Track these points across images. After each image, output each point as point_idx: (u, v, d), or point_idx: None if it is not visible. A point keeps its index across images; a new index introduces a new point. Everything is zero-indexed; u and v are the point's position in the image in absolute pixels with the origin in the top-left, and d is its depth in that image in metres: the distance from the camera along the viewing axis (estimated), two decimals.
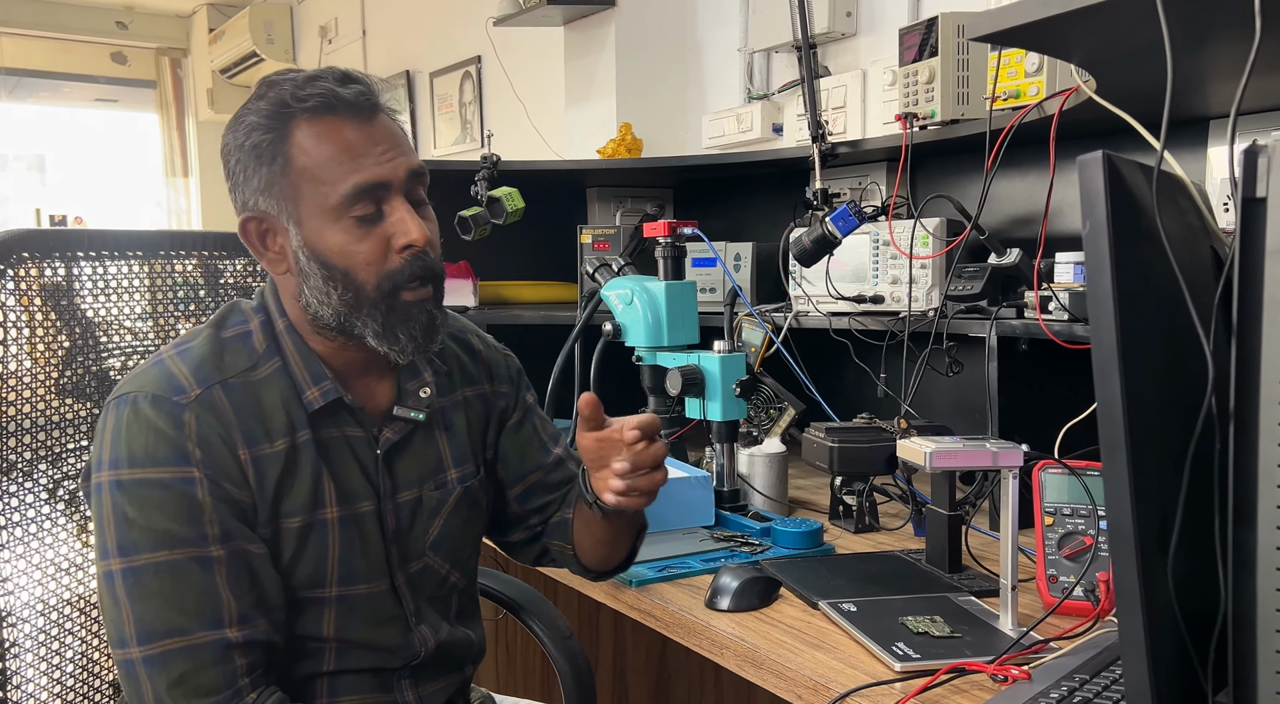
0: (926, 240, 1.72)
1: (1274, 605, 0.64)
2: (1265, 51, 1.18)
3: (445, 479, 1.20)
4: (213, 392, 1.04)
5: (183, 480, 1.00)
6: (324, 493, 1.08)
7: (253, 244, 1.08)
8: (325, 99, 1.02)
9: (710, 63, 2.82)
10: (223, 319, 1.12)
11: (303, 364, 1.09)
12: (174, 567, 0.99)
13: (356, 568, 1.11)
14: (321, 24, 5.58)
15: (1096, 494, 1.27)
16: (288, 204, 1.04)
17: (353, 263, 1.04)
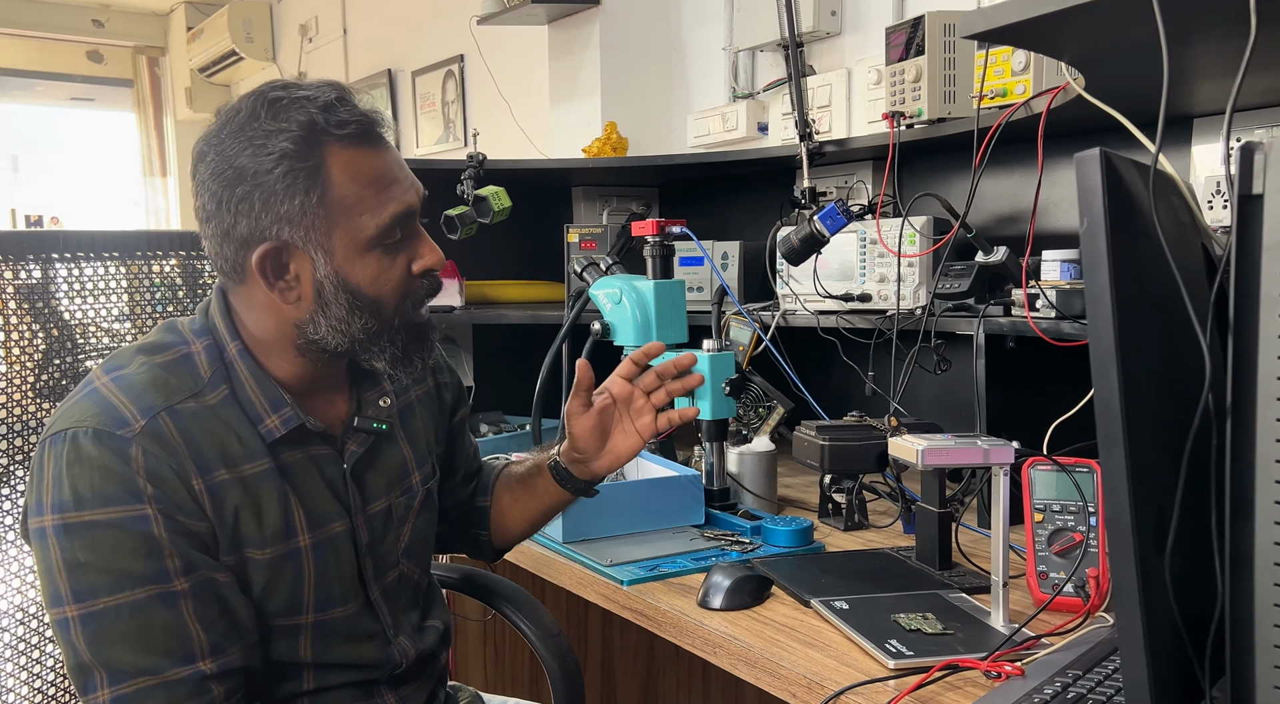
0: (914, 238, 1.73)
1: (1271, 600, 0.64)
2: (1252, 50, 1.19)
3: (410, 484, 1.19)
4: (158, 421, 0.98)
5: (136, 519, 0.95)
6: (294, 521, 1.05)
7: (265, 274, 1.01)
8: (361, 126, 0.99)
9: (695, 62, 2.82)
10: (157, 342, 1.05)
11: (259, 390, 1.05)
12: (136, 607, 0.94)
13: (333, 592, 1.09)
14: (301, 23, 5.55)
15: (1086, 491, 1.27)
16: (318, 234, 0.99)
17: (384, 291, 1.03)
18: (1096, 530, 1.26)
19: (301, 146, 0.97)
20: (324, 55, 5.30)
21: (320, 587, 1.07)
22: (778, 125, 2.49)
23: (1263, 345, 0.63)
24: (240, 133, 0.98)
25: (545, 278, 2.63)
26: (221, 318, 1.06)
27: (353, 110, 0.99)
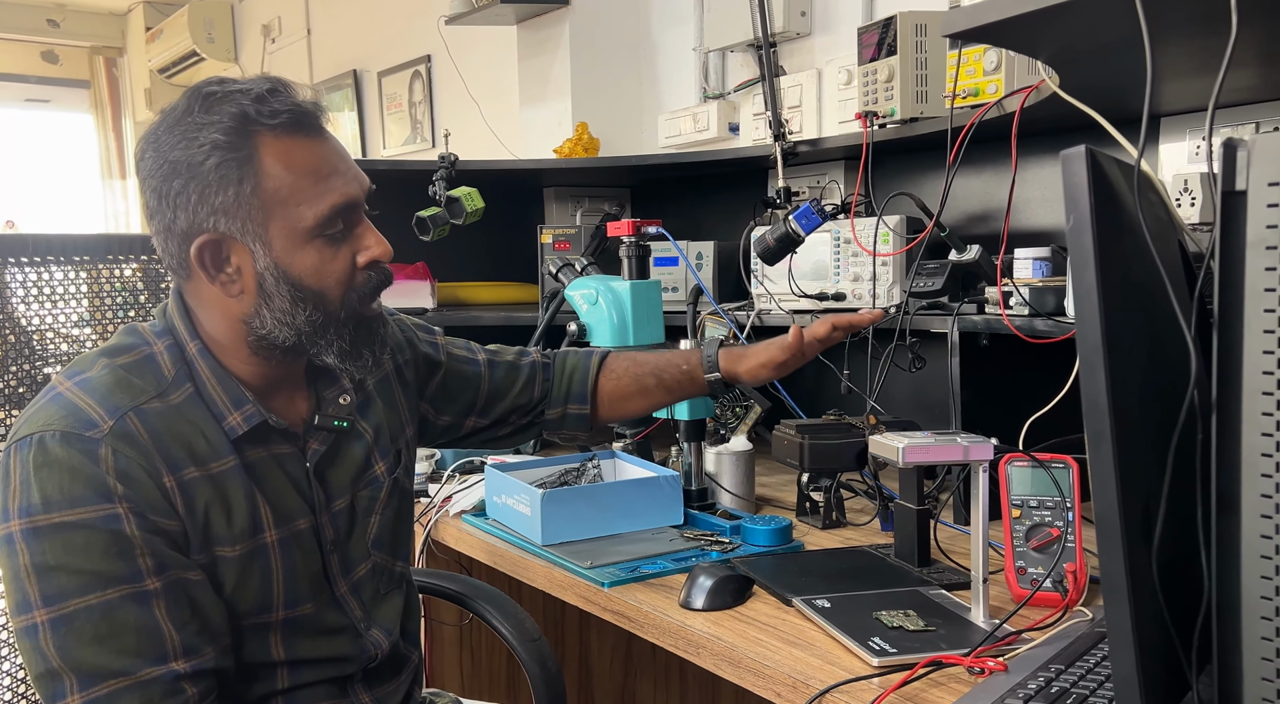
0: (887, 237, 1.74)
1: (1259, 593, 0.65)
2: (1214, 51, 1.21)
3: (374, 475, 1.18)
4: (126, 420, 0.97)
5: (107, 518, 0.94)
6: (261, 517, 1.05)
7: (204, 268, 1.01)
8: (294, 116, 0.99)
9: (665, 62, 2.82)
10: (117, 345, 1.05)
11: (220, 388, 1.04)
12: (108, 607, 0.93)
13: (300, 588, 1.08)
14: (264, 23, 5.48)
15: (1063, 486, 1.29)
16: (254, 225, 0.99)
17: (326, 283, 1.02)
18: (1073, 525, 1.27)
19: (232, 137, 0.98)
20: (287, 56, 5.25)
21: (288, 582, 1.07)
22: (748, 125, 2.50)
23: (1248, 340, 0.64)
24: (175, 127, 0.99)
25: (517, 279, 2.62)
26: (180, 317, 1.06)
27: (285, 100, 0.99)
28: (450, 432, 1.39)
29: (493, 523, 1.63)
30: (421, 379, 1.33)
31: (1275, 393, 0.63)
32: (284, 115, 0.98)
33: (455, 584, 1.51)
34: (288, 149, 0.99)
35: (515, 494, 1.56)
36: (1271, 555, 0.64)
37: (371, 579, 1.17)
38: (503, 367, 1.40)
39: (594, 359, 1.45)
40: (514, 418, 1.41)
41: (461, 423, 1.38)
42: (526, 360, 1.42)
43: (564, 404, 1.43)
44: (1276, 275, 0.62)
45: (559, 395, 1.43)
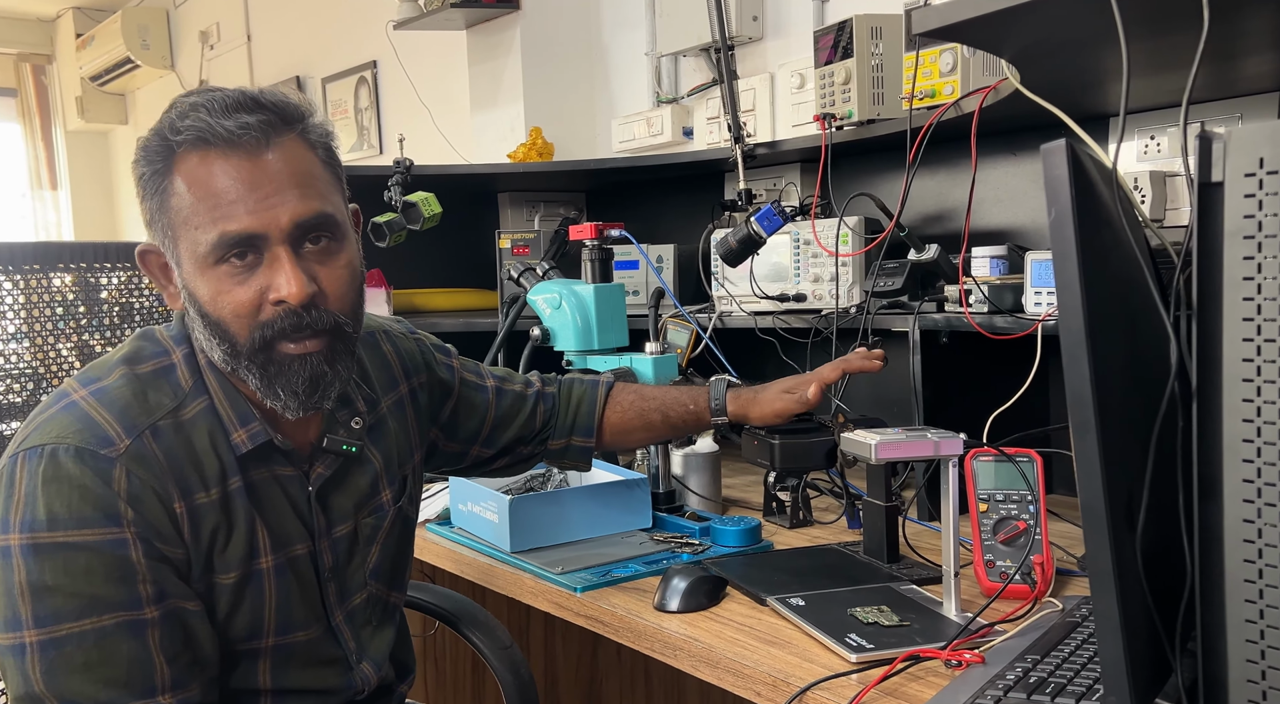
0: (847, 238, 1.75)
1: (1242, 576, 0.66)
2: (1163, 51, 1.24)
3: (379, 503, 1.15)
4: (143, 440, 0.94)
5: (113, 543, 0.91)
6: (259, 542, 1.02)
7: (154, 276, 1.01)
8: (199, 133, 0.92)
9: (617, 66, 2.82)
10: (137, 351, 1.01)
11: (228, 404, 1.01)
12: (101, 634, 0.90)
13: (294, 616, 1.05)
14: (202, 29, 5.38)
15: (1031, 480, 1.31)
16: (169, 242, 0.97)
17: (224, 314, 0.96)
18: (1039, 518, 1.29)
19: (153, 152, 0.95)
20: (227, 63, 5.15)
21: (281, 610, 1.04)
22: (702, 129, 2.51)
23: (1227, 329, 0.65)
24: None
25: (472, 285, 2.60)
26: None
27: (200, 118, 0.92)
28: (456, 460, 1.35)
29: (458, 531, 1.61)
30: (435, 404, 1.29)
31: (1255, 380, 0.65)
32: (190, 131, 0.92)
33: (423, 594, 1.48)
34: (196, 169, 0.93)
35: (482, 501, 1.54)
36: (1254, 539, 0.65)
37: (365, 610, 1.14)
38: (510, 396, 1.36)
39: (600, 391, 1.41)
40: (517, 448, 1.38)
41: (467, 452, 1.35)
42: (532, 390, 1.39)
43: (568, 435, 1.40)
44: (1254, 264, 0.64)
45: (564, 426, 1.40)
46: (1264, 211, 0.63)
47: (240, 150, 0.93)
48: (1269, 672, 0.66)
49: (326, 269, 0.98)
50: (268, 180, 0.93)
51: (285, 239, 0.95)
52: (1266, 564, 0.65)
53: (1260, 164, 0.63)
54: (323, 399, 1.01)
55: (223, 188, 0.93)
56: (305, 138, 0.97)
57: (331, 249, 0.99)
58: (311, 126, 0.99)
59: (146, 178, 0.95)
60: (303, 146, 0.97)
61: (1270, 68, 1.36)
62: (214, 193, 0.93)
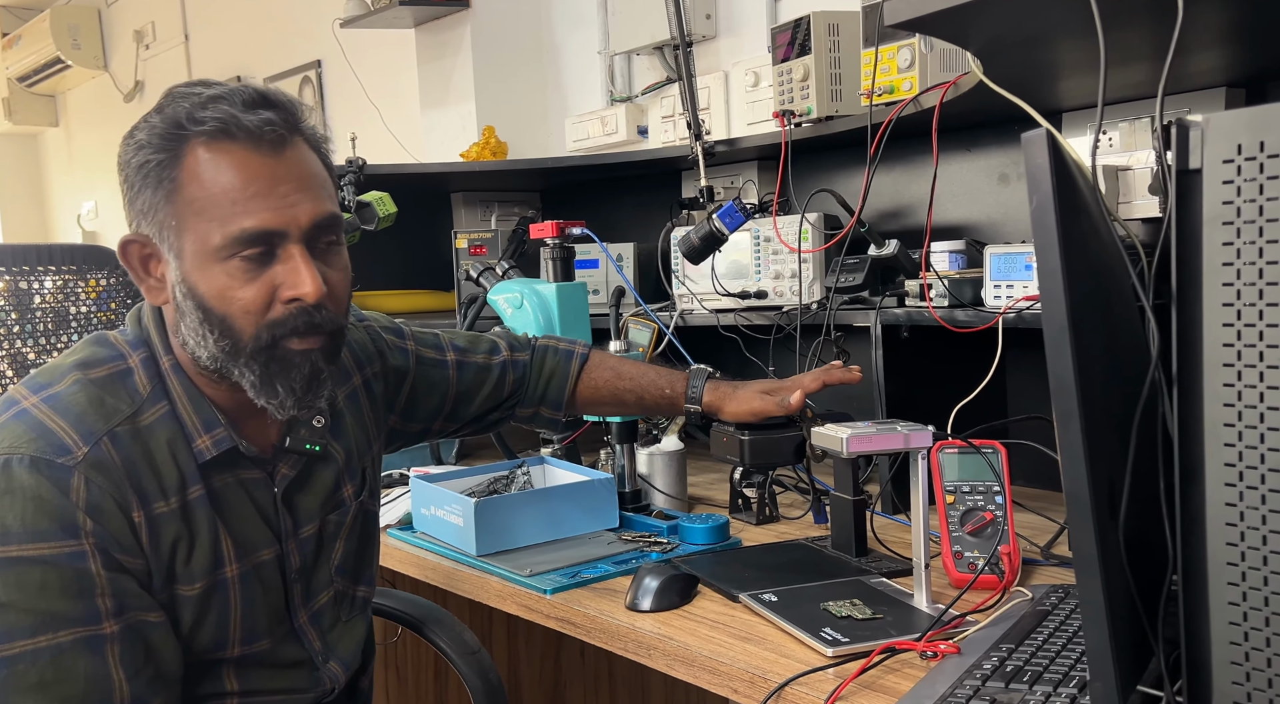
0: (806, 235, 1.76)
1: (1224, 559, 0.67)
2: (1114, 45, 1.26)
3: (342, 498, 1.14)
4: (101, 447, 0.91)
5: (71, 556, 0.87)
6: (223, 552, 0.99)
7: (133, 268, 0.98)
8: (224, 124, 0.91)
9: (570, 65, 2.80)
10: (90, 356, 0.98)
11: (192, 409, 0.98)
12: (57, 651, 0.86)
13: (258, 624, 1.03)
14: (136, 28, 5.25)
15: (998, 470, 1.32)
16: (170, 233, 0.94)
17: (231, 309, 0.94)
18: (1005, 508, 1.31)
19: (161, 139, 0.93)
20: (164, 63, 5.04)
21: (246, 619, 1.01)
22: (657, 128, 2.50)
23: (1207, 314, 0.66)
24: (132, 127, 0.95)
25: (425, 287, 2.56)
26: (156, 329, 1.00)
27: (221, 110, 0.91)
28: (418, 437, 1.36)
29: (421, 536, 1.58)
30: (391, 391, 1.27)
31: (1236, 364, 0.65)
32: (213, 122, 0.91)
33: (386, 599, 1.45)
34: (214, 160, 0.91)
35: (445, 505, 1.52)
36: (1236, 522, 0.66)
37: (332, 607, 1.12)
38: (472, 368, 1.36)
39: (574, 364, 1.41)
40: (485, 416, 1.39)
41: (429, 428, 1.35)
42: (498, 359, 1.38)
43: (537, 405, 1.40)
44: (1234, 250, 0.65)
45: (533, 396, 1.40)
46: (1242, 197, 0.64)
47: (264, 147, 0.92)
48: (1252, 653, 0.66)
49: (331, 270, 0.98)
50: (290, 178, 0.93)
51: (302, 238, 0.94)
52: (1249, 547, 0.66)
53: (1238, 150, 0.64)
54: (316, 398, 1.00)
55: (244, 182, 0.91)
56: (308, 141, 0.98)
57: (335, 249, 0.99)
58: (310, 129, 0.99)
59: (151, 165, 0.92)
60: (308, 149, 0.98)
61: (1217, 63, 1.39)
62: (235, 186, 0.91)
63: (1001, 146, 1.76)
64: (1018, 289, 1.47)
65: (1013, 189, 1.76)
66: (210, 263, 0.93)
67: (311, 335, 0.97)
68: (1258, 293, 0.64)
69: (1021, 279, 1.47)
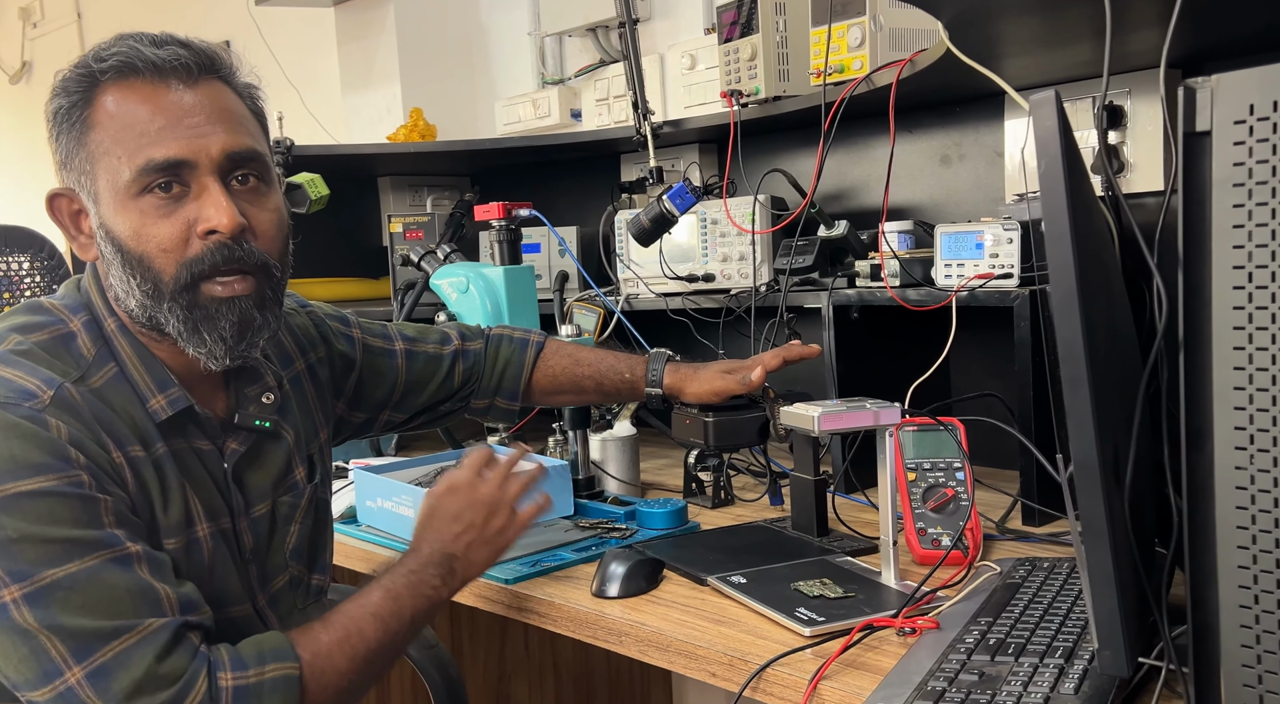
0: (754, 216, 1.75)
1: (1234, 522, 0.67)
2: (1059, 26, 1.27)
3: (294, 481, 1.10)
4: (65, 391, 0.87)
5: (72, 483, 0.84)
6: (192, 509, 0.95)
7: (63, 224, 0.96)
8: (128, 59, 0.89)
9: (498, 47, 2.74)
10: (26, 321, 0.93)
11: (144, 369, 0.94)
12: (92, 573, 0.83)
13: (229, 589, 0.99)
14: (22, 5, 4.97)
15: (952, 447, 1.32)
16: (86, 179, 0.91)
17: (147, 249, 0.91)
18: (965, 484, 1.31)
19: (71, 84, 0.91)
20: (54, 43, 4.78)
21: (218, 580, 0.98)
22: (591, 111, 2.46)
23: (1216, 277, 0.66)
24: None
25: (351, 274, 2.47)
26: (98, 292, 0.95)
27: (135, 43, 0.89)
28: (364, 428, 1.30)
29: (366, 529, 1.52)
30: (338, 378, 1.23)
31: (1246, 327, 0.65)
32: (116, 58, 0.89)
33: (333, 595, 1.39)
34: (120, 98, 0.90)
35: (394, 496, 1.46)
36: (1246, 485, 0.66)
37: (289, 592, 1.08)
38: (422, 358, 1.31)
39: (530, 353, 1.37)
40: (436, 407, 1.34)
41: (375, 418, 1.30)
42: (449, 349, 1.33)
43: (492, 396, 1.37)
44: (1245, 211, 0.64)
45: (488, 386, 1.36)
46: (1254, 158, 0.64)
47: (170, 79, 0.90)
48: (1263, 616, 0.67)
49: (256, 209, 0.95)
50: (198, 110, 0.91)
51: (215, 170, 0.91)
52: (1260, 509, 0.66)
53: (1250, 111, 0.64)
54: (250, 347, 0.96)
55: (149, 114, 0.89)
56: (230, 84, 0.96)
57: (261, 190, 0.96)
58: (235, 77, 0.96)
59: (64, 111, 0.90)
60: (229, 91, 0.95)
61: (1154, 44, 1.42)
62: (140, 120, 0.89)
63: (943, 127, 1.77)
64: (969, 268, 1.47)
65: (954, 170, 1.78)
66: (124, 201, 0.90)
67: (235, 274, 0.93)
68: (1270, 254, 0.64)
69: (972, 258, 1.48)
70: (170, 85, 0.90)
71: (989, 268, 1.45)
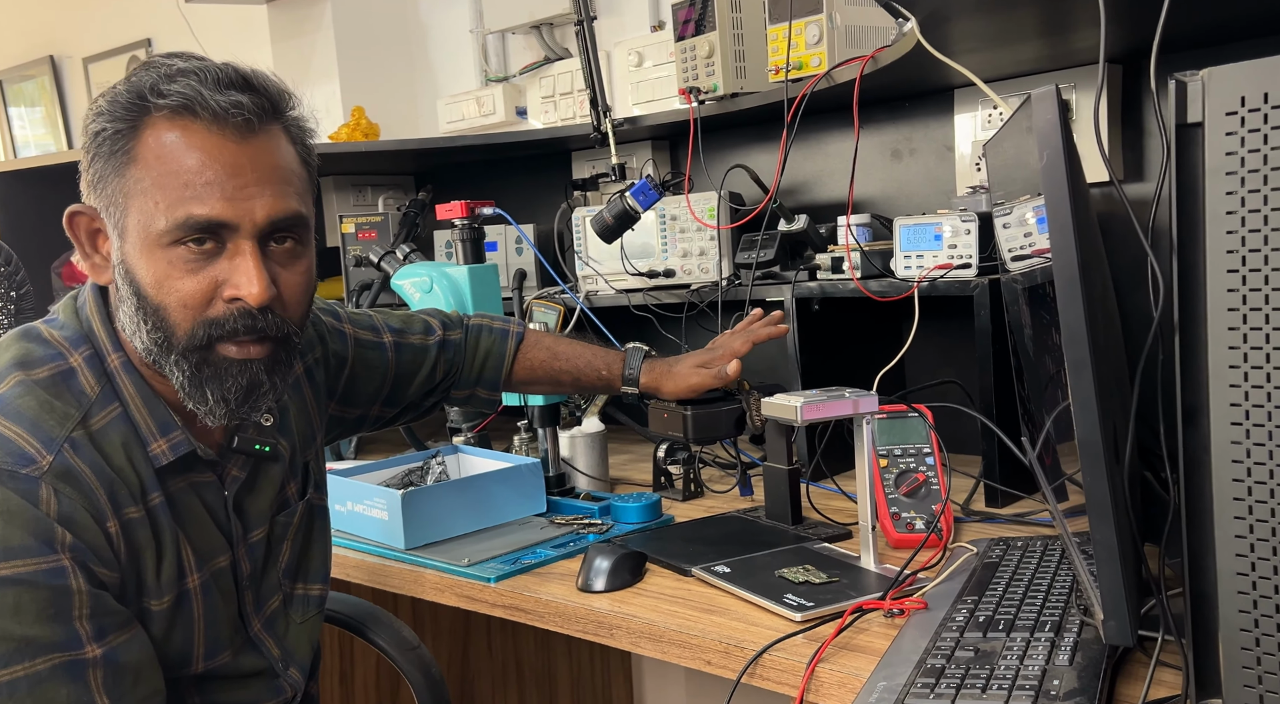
0: (712, 212, 1.77)
1: (1231, 494, 0.70)
2: (1006, 25, 1.32)
3: (287, 497, 1.07)
4: (65, 454, 0.82)
5: (49, 573, 0.79)
6: (184, 561, 0.92)
7: (79, 241, 0.91)
8: (188, 100, 0.83)
9: (439, 45, 2.71)
10: (26, 354, 0.88)
11: (146, 410, 0.90)
12: (35, 681, 0.78)
13: (220, 635, 0.96)
14: None
15: (921, 434, 1.36)
16: (116, 210, 0.86)
17: (167, 301, 0.86)
18: (936, 469, 1.35)
19: (121, 108, 0.85)
20: None
21: (209, 631, 0.94)
22: (537, 108, 2.46)
23: (1211, 260, 0.69)
24: (99, 93, 0.88)
25: None
26: (101, 322, 0.90)
27: (198, 83, 0.84)
28: (355, 425, 1.29)
29: (338, 533, 1.50)
30: (332, 377, 1.21)
31: (1240, 308, 0.69)
32: (177, 96, 0.83)
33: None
34: (170, 138, 0.84)
35: (366, 499, 1.44)
36: (1242, 459, 0.70)
37: (284, 611, 1.05)
38: (409, 350, 1.30)
39: (510, 345, 1.37)
40: (421, 401, 1.33)
41: (367, 414, 1.28)
42: (434, 339, 1.33)
43: (473, 387, 1.37)
44: (1237, 199, 0.68)
45: (469, 378, 1.36)
46: (1245, 148, 0.67)
47: (227, 130, 0.84)
48: (1259, 582, 0.70)
49: (288, 273, 0.91)
50: (249, 169, 0.85)
51: (255, 234, 0.87)
52: (1255, 481, 0.69)
53: (1242, 102, 0.67)
54: (252, 410, 0.92)
55: (198, 166, 0.84)
56: (288, 131, 0.91)
57: (296, 253, 0.91)
58: (294, 120, 0.91)
59: (107, 134, 0.84)
60: (285, 140, 0.90)
61: (1097, 41, 1.48)
62: (187, 169, 0.84)
63: (893, 123, 1.82)
64: (927, 259, 1.51)
65: (905, 164, 1.82)
66: (153, 247, 0.85)
67: (253, 342, 0.89)
68: (1263, 238, 0.67)
69: (931, 249, 1.52)
70: (226, 135, 0.85)
71: (948, 258, 1.49)
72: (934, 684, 0.88)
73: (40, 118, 4.34)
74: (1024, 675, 0.87)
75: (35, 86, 4.29)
